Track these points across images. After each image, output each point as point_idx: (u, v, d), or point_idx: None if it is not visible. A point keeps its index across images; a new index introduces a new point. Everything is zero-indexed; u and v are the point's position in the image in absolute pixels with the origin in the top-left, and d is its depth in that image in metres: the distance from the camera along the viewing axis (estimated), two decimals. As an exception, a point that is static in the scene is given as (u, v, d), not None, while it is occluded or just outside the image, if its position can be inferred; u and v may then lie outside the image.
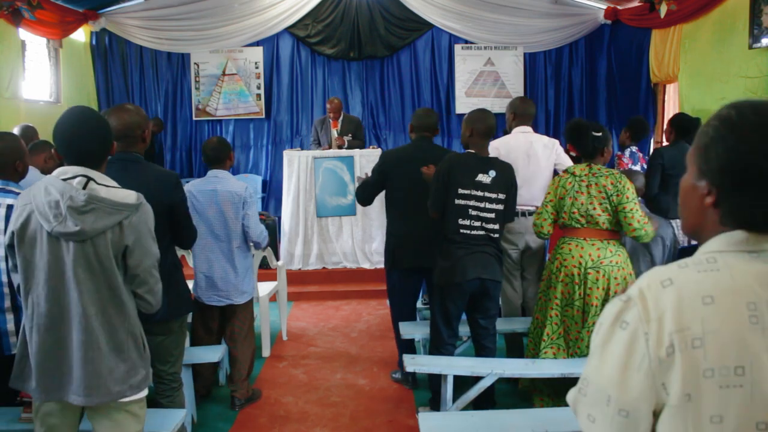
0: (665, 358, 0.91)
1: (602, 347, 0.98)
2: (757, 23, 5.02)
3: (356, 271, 6.19)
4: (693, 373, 0.89)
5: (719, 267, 0.94)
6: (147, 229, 2.00)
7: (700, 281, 0.93)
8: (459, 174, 3.18)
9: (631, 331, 0.94)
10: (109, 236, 1.92)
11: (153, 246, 2.04)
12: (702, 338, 0.89)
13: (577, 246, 3.15)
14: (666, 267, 0.98)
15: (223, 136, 3.54)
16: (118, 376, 1.98)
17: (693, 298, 0.91)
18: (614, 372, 0.95)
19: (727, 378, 0.88)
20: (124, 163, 2.61)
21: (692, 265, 0.96)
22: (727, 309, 0.90)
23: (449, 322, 3.29)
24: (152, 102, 7.98)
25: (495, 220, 3.19)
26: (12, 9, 5.49)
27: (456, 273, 3.16)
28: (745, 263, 0.93)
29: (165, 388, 2.81)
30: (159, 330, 2.72)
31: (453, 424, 2.64)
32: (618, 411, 0.95)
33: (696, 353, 0.89)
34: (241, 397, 3.61)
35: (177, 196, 2.66)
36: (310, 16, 7.82)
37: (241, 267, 3.52)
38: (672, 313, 0.91)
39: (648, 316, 0.93)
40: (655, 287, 0.95)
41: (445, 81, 8.18)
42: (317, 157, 6.19)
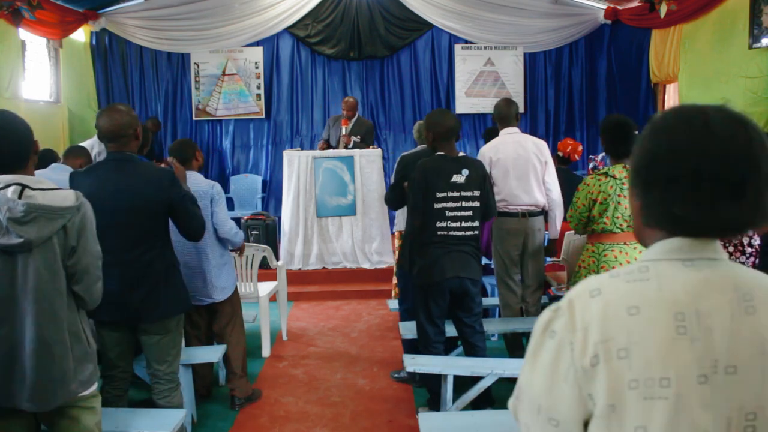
0: (590, 368, 0.90)
1: (533, 356, 0.97)
2: (757, 23, 5.02)
3: (356, 271, 6.19)
4: (617, 383, 0.88)
5: (649, 276, 0.93)
6: (89, 229, 1.97)
7: (627, 291, 0.92)
8: (434, 178, 3.18)
9: (558, 341, 0.93)
10: (56, 240, 1.87)
11: (94, 245, 2.00)
12: (627, 349, 0.88)
13: (622, 252, 3.07)
14: (597, 276, 0.97)
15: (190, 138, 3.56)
16: (69, 376, 1.95)
17: (619, 308, 0.90)
18: (543, 381, 0.94)
19: (652, 389, 0.87)
20: (118, 163, 2.61)
21: (623, 274, 0.95)
22: (653, 320, 0.89)
23: (433, 321, 3.30)
24: (152, 102, 7.98)
25: (473, 217, 3.21)
26: (12, 9, 5.49)
27: (434, 272, 3.18)
28: (677, 272, 0.92)
29: (162, 388, 2.80)
30: (156, 330, 2.72)
31: (453, 424, 2.64)
32: (548, 420, 0.94)
33: (620, 364, 0.88)
34: (241, 396, 3.61)
35: (174, 193, 2.65)
36: (310, 16, 7.82)
37: (216, 264, 3.47)
38: (597, 324, 0.90)
39: (574, 325, 0.92)
40: (583, 297, 0.94)
41: (445, 81, 8.18)
42: (317, 157, 6.19)
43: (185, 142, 3.65)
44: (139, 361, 3.07)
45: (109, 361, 2.79)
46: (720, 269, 0.93)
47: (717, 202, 0.90)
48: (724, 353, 0.87)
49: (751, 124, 0.93)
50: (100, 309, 2.67)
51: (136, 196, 2.57)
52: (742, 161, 0.90)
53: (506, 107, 3.98)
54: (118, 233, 2.60)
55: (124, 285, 2.63)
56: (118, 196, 2.57)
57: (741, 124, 0.92)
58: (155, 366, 2.79)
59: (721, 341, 0.88)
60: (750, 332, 0.88)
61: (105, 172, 2.62)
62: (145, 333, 2.73)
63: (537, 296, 4.00)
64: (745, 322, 0.89)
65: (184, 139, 3.74)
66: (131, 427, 2.52)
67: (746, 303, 0.90)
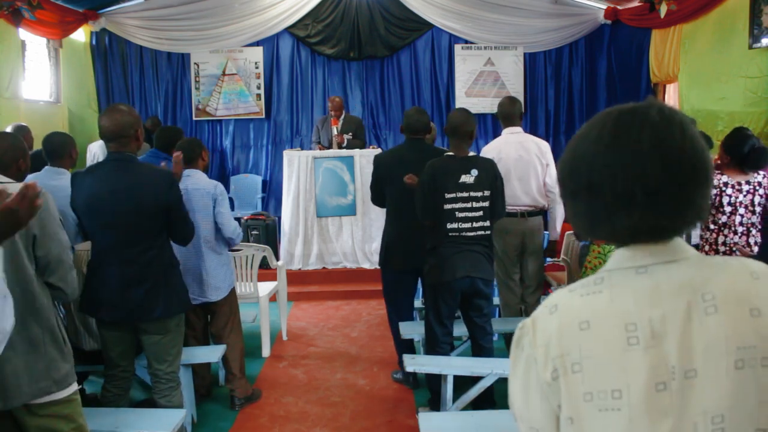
0: (551, 382, 0.92)
1: (512, 368, 1.00)
2: (757, 23, 5.01)
3: (356, 271, 6.19)
4: (574, 396, 0.90)
5: (602, 288, 0.92)
6: (52, 217, 1.97)
7: (580, 306, 0.92)
8: (443, 179, 3.18)
9: (526, 356, 0.96)
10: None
11: (60, 233, 2.00)
12: (580, 363, 0.89)
13: None
14: (558, 292, 0.98)
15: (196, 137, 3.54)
16: (36, 374, 1.92)
17: (571, 324, 0.91)
18: (520, 393, 0.97)
19: (605, 401, 0.87)
20: (118, 163, 2.61)
21: (579, 288, 0.95)
22: (603, 333, 0.89)
23: (441, 321, 3.30)
24: (152, 102, 7.98)
25: (483, 217, 3.20)
26: (12, 9, 5.48)
27: (445, 271, 3.17)
28: (629, 281, 0.91)
29: (163, 387, 2.81)
30: (156, 329, 2.73)
31: (453, 424, 2.64)
32: (529, 428, 0.97)
33: (575, 378, 0.89)
34: (241, 395, 3.61)
35: (172, 196, 2.66)
36: (310, 16, 7.82)
37: (214, 264, 3.47)
38: (555, 340, 0.92)
39: (536, 342, 0.94)
40: (543, 315, 0.96)
41: (445, 81, 8.17)
42: (317, 157, 6.19)
43: (193, 141, 3.63)
44: (139, 361, 3.08)
45: (110, 360, 2.79)
46: (677, 271, 0.90)
47: (630, 209, 0.88)
48: (681, 358, 0.86)
49: (682, 124, 0.89)
50: (100, 308, 2.69)
51: (136, 197, 2.57)
52: (647, 169, 0.87)
53: (510, 106, 3.97)
54: (117, 233, 2.61)
55: (123, 284, 2.63)
56: (118, 196, 2.57)
57: (653, 124, 0.89)
58: (155, 365, 2.79)
59: (677, 346, 0.86)
60: (710, 333, 0.87)
61: (105, 172, 2.62)
62: (146, 333, 2.74)
63: (536, 296, 4.01)
64: (705, 323, 0.87)
65: (191, 138, 3.72)
66: (131, 427, 2.52)
67: (705, 303, 0.88)
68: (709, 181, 0.90)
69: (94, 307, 2.69)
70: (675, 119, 0.89)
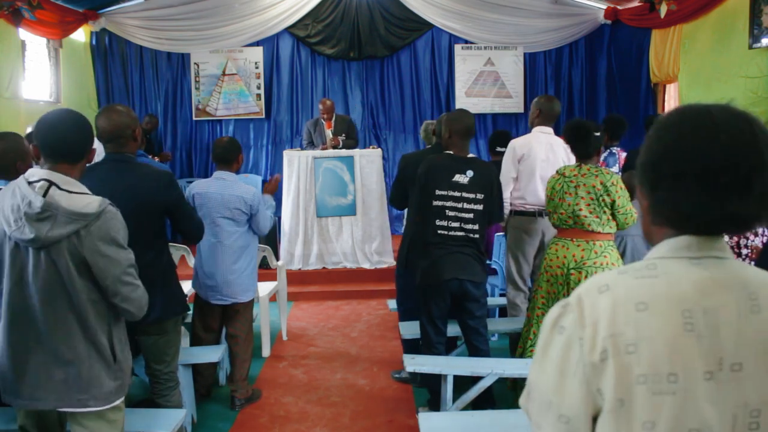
0: (599, 363, 0.91)
1: (543, 352, 0.98)
2: (757, 23, 5.02)
3: (356, 271, 6.19)
4: (625, 378, 0.89)
5: (657, 274, 0.94)
6: (110, 238, 1.91)
7: (635, 287, 0.93)
8: (436, 175, 3.17)
9: (567, 336, 0.95)
10: (65, 245, 1.85)
11: (120, 253, 1.94)
12: (635, 344, 0.90)
13: (563, 246, 3.18)
14: (606, 273, 0.98)
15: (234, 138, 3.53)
16: (80, 385, 1.94)
17: (627, 304, 0.92)
18: (553, 377, 0.95)
19: (660, 384, 0.88)
20: (115, 164, 2.60)
21: (631, 271, 0.96)
22: (661, 316, 0.90)
23: (433, 323, 3.30)
24: (152, 102, 7.98)
25: (474, 220, 3.17)
26: (12, 9, 5.48)
27: (434, 273, 3.17)
28: (685, 270, 0.93)
29: (161, 387, 2.81)
30: (153, 330, 2.72)
31: (453, 424, 2.63)
32: (558, 417, 0.95)
33: (629, 359, 0.89)
34: (241, 397, 3.61)
35: (171, 195, 2.64)
36: (310, 16, 7.82)
37: (246, 267, 3.53)
38: (606, 319, 0.92)
39: (583, 321, 0.93)
40: (592, 293, 0.95)
41: (445, 81, 8.17)
42: (317, 157, 6.19)
43: (232, 142, 3.60)
44: (138, 361, 3.08)
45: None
46: (726, 268, 0.94)
47: (724, 197, 0.91)
48: (729, 351, 0.89)
49: (756, 120, 0.94)
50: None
51: (134, 197, 2.56)
52: (747, 156, 0.90)
53: (549, 104, 3.96)
54: None
55: None
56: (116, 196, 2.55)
57: (746, 121, 0.93)
58: (153, 366, 2.79)
59: (727, 339, 0.89)
60: (755, 331, 0.90)
61: (103, 172, 2.61)
62: (143, 333, 2.73)
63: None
64: (751, 321, 0.90)
65: (231, 138, 3.66)
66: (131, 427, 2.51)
67: (752, 302, 0.91)
68: None
69: None
70: (757, 118, 0.94)
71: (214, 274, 3.47)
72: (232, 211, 3.44)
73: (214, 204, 3.41)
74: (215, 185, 3.46)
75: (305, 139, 6.71)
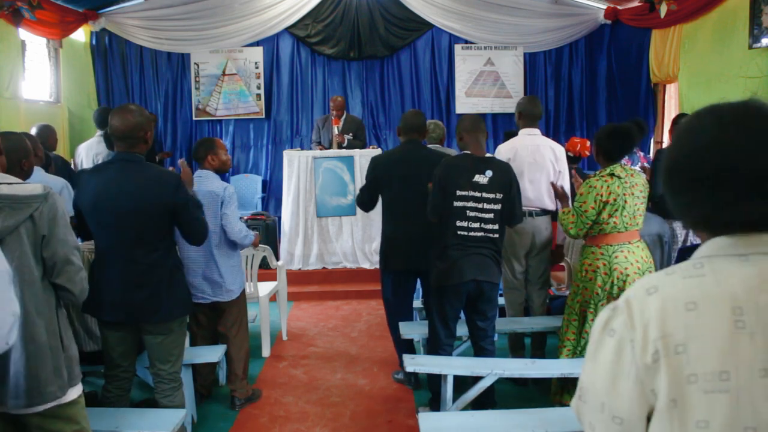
0: (651, 364, 0.91)
1: (594, 355, 0.99)
2: (757, 23, 5.01)
3: (356, 271, 6.19)
4: (677, 378, 0.90)
5: (705, 272, 0.93)
6: (60, 218, 1.96)
7: (684, 288, 0.93)
8: (455, 176, 3.16)
9: (618, 339, 0.95)
10: (23, 231, 1.88)
11: (69, 234, 2.00)
12: (685, 344, 0.90)
13: (631, 252, 3.08)
14: (654, 274, 0.98)
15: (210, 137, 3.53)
16: (44, 376, 1.91)
17: (676, 304, 0.92)
18: (605, 379, 0.96)
19: (712, 383, 0.88)
20: (124, 164, 2.61)
21: (679, 271, 0.96)
22: (711, 314, 0.90)
23: (446, 323, 3.29)
24: (152, 102, 7.97)
25: (494, 220, 3.17)
26: (12, 9, 5.48)
27: (452, 274, 3.16)
28: (733, 267, 0.92)
29: (165, 387, 2.81)
30: (159, 330, 2.73)
31: (453, 424, 2.64)
32: (612, 418, 0.96)
33: (679, 359, 0.90)
34: (241, 397, 3.61)
35: (179, 198, 2.65)
36: (310, 16, 7.82)
37: (224, 266, 3.47)
38: (656, 320, 0.92)
39: (633, 323, 0.94)
40: (640, 295, 0.96)
41: (445, 81, 8.17)
42: (317, 157, 6.20)
43: (201, 141, 3.62)
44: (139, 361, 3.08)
45: (111, 360, 2.79)
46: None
47: (746, 198, 0.91)
48: None
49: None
50: (103, 309, 2.68)
51: (141, 198, 2.57)
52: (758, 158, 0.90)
53: (530, 105, 3.95)
54: (121, 233, 2.61)
55: (126, 286, 2.63)
56: (123, 196, 2.57)
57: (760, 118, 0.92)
58: (158, 366, 2.79)
59: None
60: None
61: (111, 172, 2.62)
62: (149, 333, 2.74)
63: (543, 295, 4.01)
64: None
65: (204, 138, 3.71)
66: (131, 427, 2.52)
67: None
68: None
69: (96, 307, 2.68)
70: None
71: (193, 272, 3.44)
72: (207, 207, 3.38)
73: None
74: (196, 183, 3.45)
75: (314, 136, 6.75)
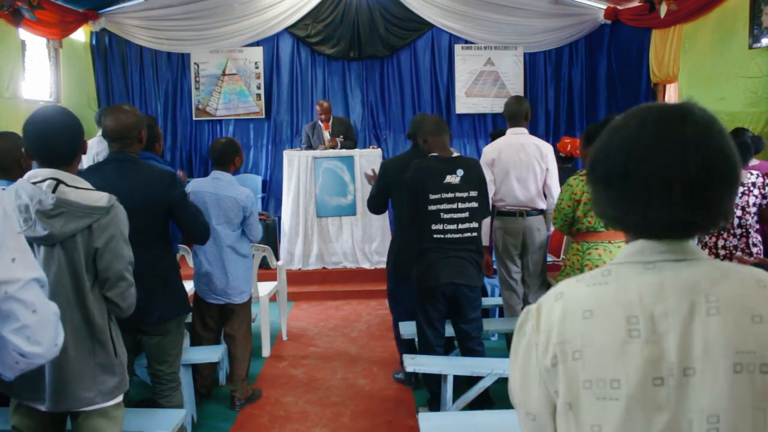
0: (551, 368, 0.94)
1: (513, 354, 1.02)
2: (757, 23, 5.01)
3: (356, 271, 6.19)
4: (573, 383, 0.92)
5: (609, 280, 0.94)
6: (119, 232, 1.97)
7: (585, 295, 0.94)
8: (426, 179, 3.14)
9: (527, 341, 0.98)
10: (79, 239, 1.89)
11: (125, 249, 2.00)
12: (581, 351, 0.91)
13: (606, 251, 3.08)
14: (567, 280, 1.00)
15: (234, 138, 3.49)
16: (86, 383, 1.94)
17: (575, 312, 0.93)
18: (518, 378, 1.00)
19: (604, 390, 0.89)
20: (119, 164, 2.61)
21: (588, 278, 0.97)
22: (605, 323, 0.91)
23: (431, 324, 3.30)
24: (152, 102, 7.97)
25: (470, 218, 3.16)
26: (12, 9, 5.48)
27: (428, 277, 3.16)
28: (636, 275, 0.93)
29: (163, 388, 2.81)
30: (156, 330, 2.73)
31: (453, 424, 2.63)
32: (527, 414, 1.00)
33: (575, 365, 0.91)
34: (241, 397, 3.61)
35: (173, 195, 2.65)
36: (310, 16, 7.82)
37: (240, 268, 3.52)
38: (557, 326, 0.94)
39: (539, 327, 0.96)
40: (550, 300, 0.98)
41: (445, 81, 8.17)
42: (317, 157, 6.19)
43: (228, 144, 3.59)
44: (139, 361, 3.08)
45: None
46: (684, 270, 0.91)
47: (654, 202, 0.90)
48: (680, 355, 0.87)
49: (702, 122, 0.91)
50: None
51: (136, 198, 2.57)
52: (689, 161, 0.88)
53: (516, 105, 3.94)
54: None
55: None
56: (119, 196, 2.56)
57: (696, 121, 0.90)
58: (156, 366, 2.79)
59: (677, 343, 0.87)
60: (711, 333, 0.87)
61: (106, 171, 2.62)
62: (146, 334, 2.73)
63: (540, 295, 4.00)
64: (707, 324, 0.88)
65: (228, 139, 3.64)
66: (131, 427, 2.51)
67: (708, 304, 0.88)
68: (737, 183, 0.93)
69: None
70: (716, 120, 0.92)
71: (208, 274, 3.47)
72: (226, 212, 3.43)
73: (209, 203, 3.42)
74: (210, 185, 3.47)
75: (304, 143, 6.71)
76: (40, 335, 1.33)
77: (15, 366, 1.35)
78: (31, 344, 1.32)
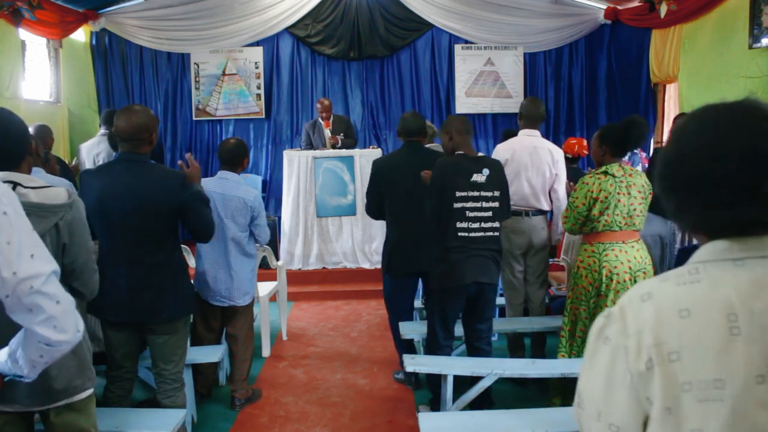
0: (645, 372, 0.90)
1: (590, 362, 0.98)
2: (757, 23, 5.02)
3: (356, 271, 6.19)
4: (671, 386, 0.89)
5: (700, 278, 0.92)
6: (82, 225, 1.97)
7: (678, 294, 0.92)
8: (454, 177, 3.15)
9: (613, 347, 0.94)
10: (48, 240, 1.86)
11: (88, 240, 2.01)
12: (679, 352, 0.89)
13: (622, 251, 3.07)
14: (649, 281, 0.97)
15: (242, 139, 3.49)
16: (65, 376, 1.92)
17: (670, 311, 0.91)
18: (601, 387, 0.95)
19: (706, 391, 0.87)
20: (129, 164, 2.62)
21: (673, 277, 0.95)
22: (705, 321, 0.89)
23: (446, 325, 3.29)
24: (152, 102, 7.97)
25: (493, 218, 3.17)
26: (12, 9, 5.49)
27: (454, 277, 3.15)
28: (728, 272, 0.91)
29: (167, 387, 2.81)
30: (164, 329, 2.73)
31: (453, 424, 2.64)
32: (608, 426, 0.95)
33: (673, 367, 0.88)
34: (242, 397, 3.61)
35: (184, 197, 2.65)
36: (310, 16, 7.82)
37: (245, 269, 3.53)
38: (650, 328, 0.91)
39: (627, 331, 0.93)
40: (635, 302, 0.95)
41: (445, 81, 8.17)
42: (317, 157, 6.19)
43: (238, 145, 3.59)
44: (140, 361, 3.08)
45: (114, 361, 2.79)
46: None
47: (737, 201, 0.90)
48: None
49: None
50: (107, 309, 2.68)
51: (145, 198, 2.57)
52: (761, 159, 0.89)
53: (531, 107, 3.93)
54: (126, 234, 2.61)
55: (131, 286, 2.63)
56: (128, 196, 2.57)
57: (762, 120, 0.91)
58: (162, 365, 2.79)
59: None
60: None
61: (116, 172, 2.63)
62: (153, 333, 2.74)
63: (541, 294, 4.01)
64: None
65: (238, 140, 3.60)
66: (131, 427, 2.52)
67: None
68: None
69: (101, 308, 2.67)
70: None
71: (213, 275, 3.47)
72: (233, 212, 3.44)
73: (216, 203, 3.42)
74: (217, 185, 3.47)
75: (304, 142, 6.70)
76: (65, 323, 1.43)
77: (39, 360, 1.45)
78: (58, 333, 1.42)
